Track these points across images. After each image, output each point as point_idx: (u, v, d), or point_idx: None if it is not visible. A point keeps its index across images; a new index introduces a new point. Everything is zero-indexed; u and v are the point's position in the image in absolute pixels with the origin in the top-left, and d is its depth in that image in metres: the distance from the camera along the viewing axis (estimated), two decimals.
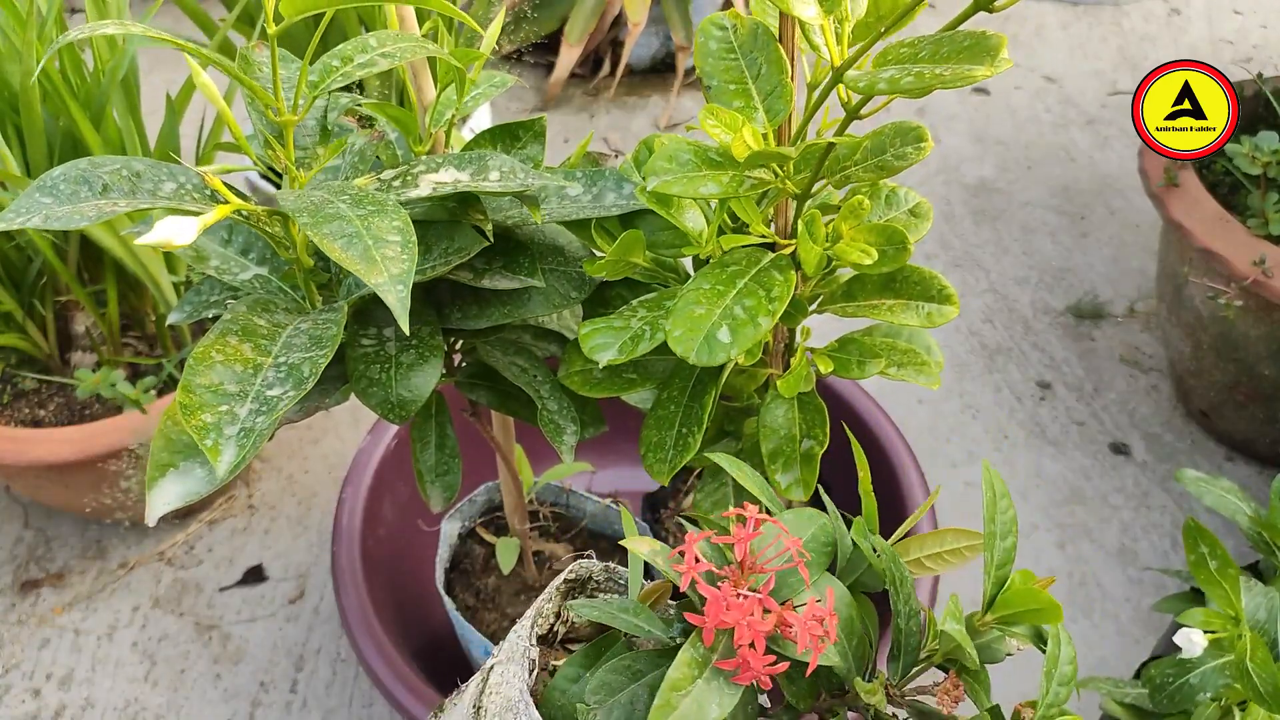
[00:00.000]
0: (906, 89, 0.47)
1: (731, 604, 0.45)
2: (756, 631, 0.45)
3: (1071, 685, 0.53)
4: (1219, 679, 0.76)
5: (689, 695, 0.45)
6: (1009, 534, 0.55)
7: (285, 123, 0.57)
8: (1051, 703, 0.52)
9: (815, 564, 0.52)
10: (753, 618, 0.45)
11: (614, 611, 0.53)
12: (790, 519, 0.54)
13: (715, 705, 0.45)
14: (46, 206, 0.52)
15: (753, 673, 0.45)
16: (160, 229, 0.49)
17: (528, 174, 0.59)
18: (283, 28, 0.52)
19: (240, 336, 0.54)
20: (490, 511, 1.00)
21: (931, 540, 0.61)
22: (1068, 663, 0.53)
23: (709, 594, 0.46)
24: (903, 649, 0.54)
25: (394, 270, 0.49)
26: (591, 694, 0.50)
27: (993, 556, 0.54)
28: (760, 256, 0.60)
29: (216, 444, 0.49)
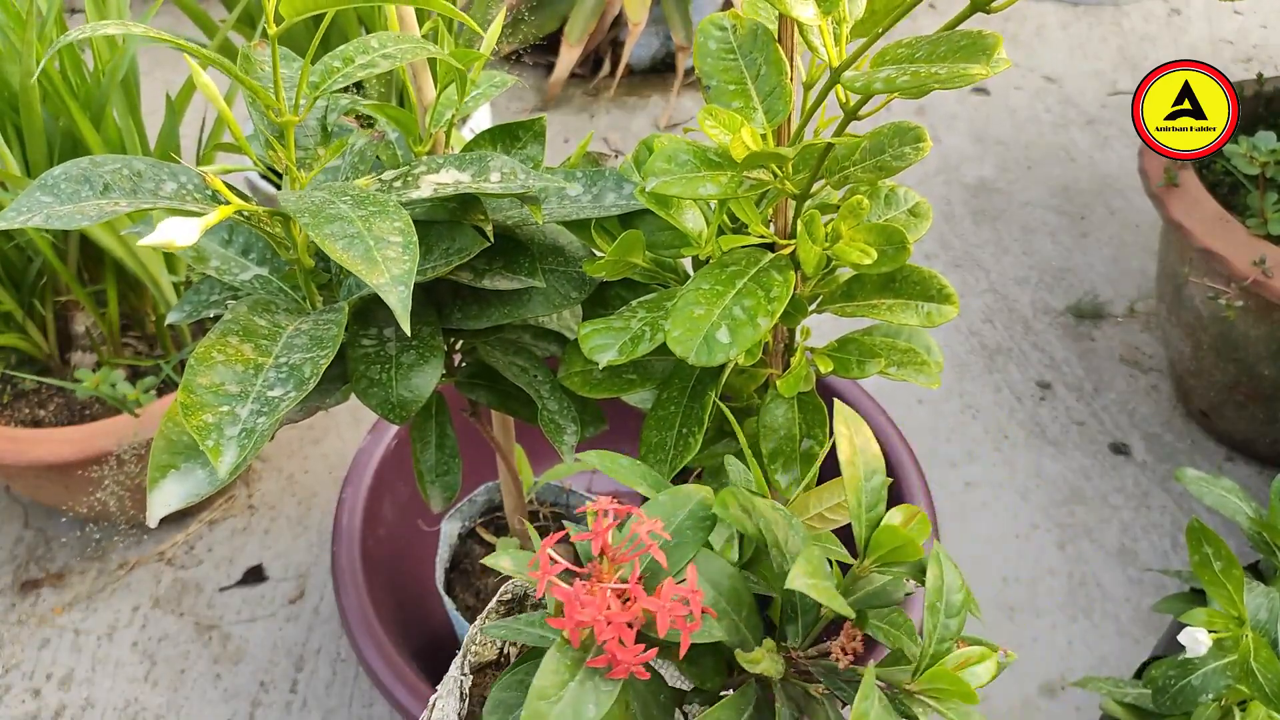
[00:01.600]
0: (903, 88, 0.48)
1: (585, 601, 0.44)
2: (617, 625, 0.43)
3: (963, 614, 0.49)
4: (1221, 680, 0.76)
5: (560, 701, 0.43)
6: (874, 474, 0.52)
7: (286, 123, 0.57)
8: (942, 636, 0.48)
9: (690, 542, 0.50)
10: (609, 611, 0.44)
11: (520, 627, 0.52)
12: (665, 500, 0.51)
13: (591, 705, 0.43)
14: (48, 206, 0.52)
15: (624, 666, 0.43)
16: (162, 230, 0.49)
17: (529, 175, 0.59)
18: (283, 28, 0.52)
19: (241, 337, 0.54)
20: (490, 511, 1.01)
21: (828, 493, 0.60)
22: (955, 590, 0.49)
23: (562, 595, 0.44)
24: (798, 610, 0.52)
25: (395, 271, 0.49)
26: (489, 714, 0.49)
27: (859, 502, 0.51)
28: (759, 257, 0.60)
29: (218, 444, 0.49)
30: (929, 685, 0.48)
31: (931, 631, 0.49)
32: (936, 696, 0.48)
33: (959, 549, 1.25)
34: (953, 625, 0.49)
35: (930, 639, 0.48)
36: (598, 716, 0.43)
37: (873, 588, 0.52)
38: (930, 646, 0.48)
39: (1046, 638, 1.17)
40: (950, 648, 0.49)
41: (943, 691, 0.48)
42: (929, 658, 0.48)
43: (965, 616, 0.49)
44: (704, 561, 0.50)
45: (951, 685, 0.47)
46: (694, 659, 0.51)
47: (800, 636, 0.52)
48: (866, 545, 0.51)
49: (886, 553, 0.50)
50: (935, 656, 0.48)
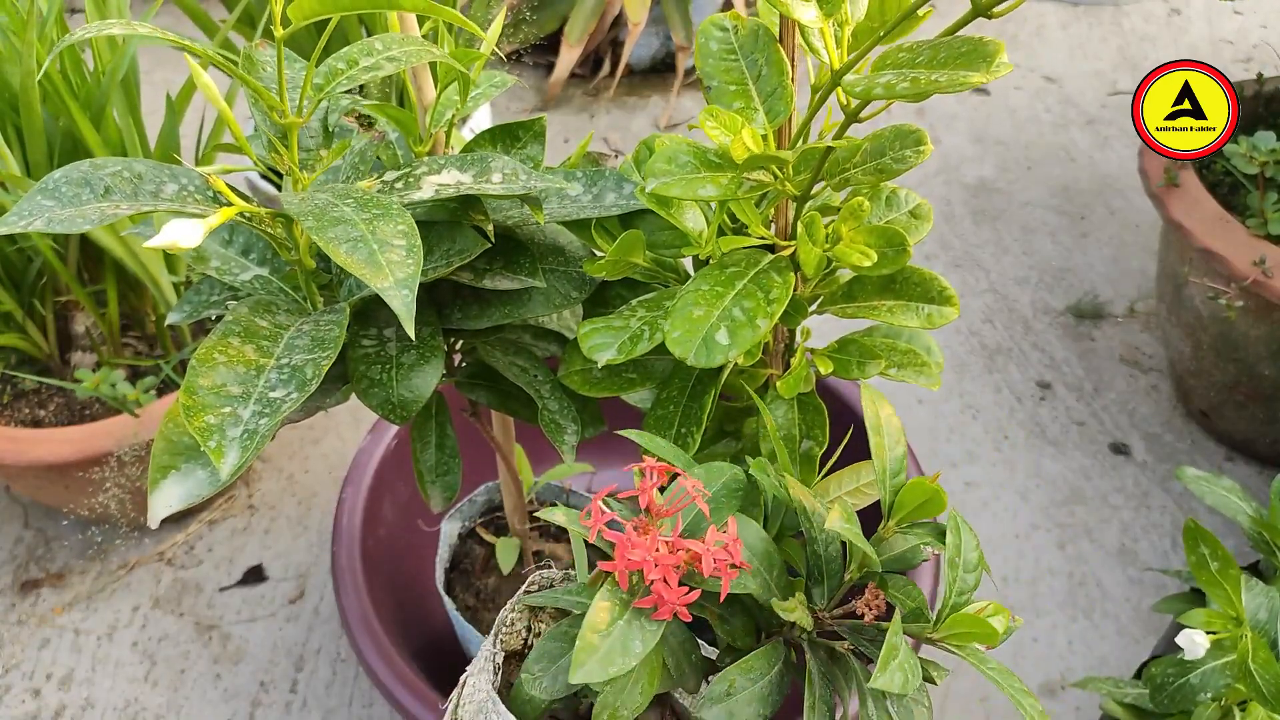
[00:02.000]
0: (902, 94, 0.48)
1: (636, 543, 0.48)
2: (665, 566, 0.47)
3: (979, 571, 0.54)
4: (1220, 679, 0.76)
5: (610, 635, 0.47)
6: (897, 444, 0.56)
7: (290, 125, 0.57)
8: (961, 589, 0.53)
9: (725, 507, 0.54)
10: (658, 553, 0.48)
11: (559, 595, 0.56)
12: (702, 472, 0.56)
13: (638, 642, 0.47)
14: (49, 209, 0.52)
15: (669, 606, 0.47)
16: (166, 232, 0.49)
17: (530, 176, 0.59)
18: (289, 32, 0.52)
19: (243, 338, 0.54)
20: (490, 511, 1.01)
21: (849, 476, 0.63)
22: (971, 550, 0.54)
23: (614, 538, 0.48)
24: (824, 574, 0.56)
25: (399, 275, 0.49)
26: (533, 662, 0.52)
27: (885, 467, 0.56)
28: (760, 258, 0.60)
29: (220, 445, 0.49)
30: (950, 631, 0.52)
31: (951, 583, 0.53)
32: (958, 641, 0.53)
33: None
34: (970, 580, 0.53)
35: (950, 590, 0.53)
36: (643, 652, 0.47)
37: (894, 552, 0.56)
38: (951, 597, 0.53)
39: (1046, 638, 1.18)
40: (968, 600, 0.53)
41: (964, 636, 0.52)
42: (949, 607, 0.53)
43: (980, 574, 0.54)
44: (741, 525, 0.54)
45: (973, 628, 0.51)
46: (727, 617, 0.55)
47: (826, 598, 0.56)
48: (891, 507, 0.55)
49: (911, 510, 0.55)
50: (955, 606, 0.53)
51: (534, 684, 0.52)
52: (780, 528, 0.60)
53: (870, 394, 0.57)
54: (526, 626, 0.60)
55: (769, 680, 0.53)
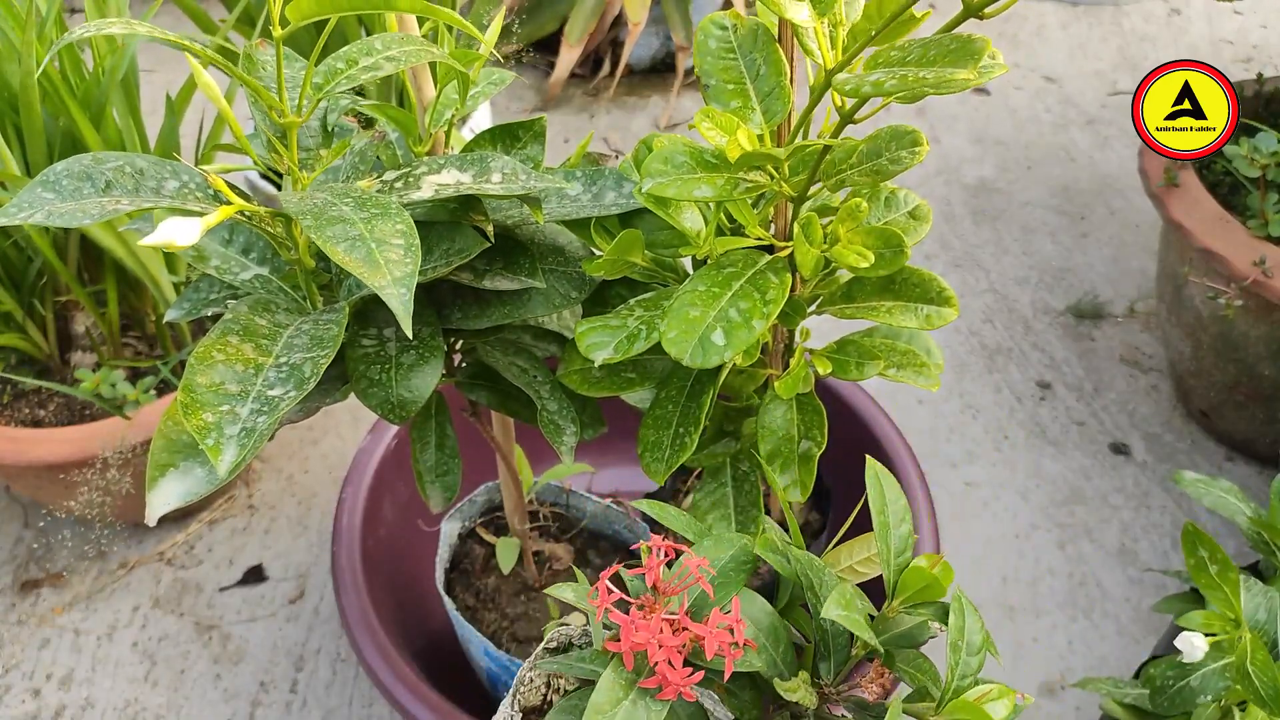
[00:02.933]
0: (890, 92, 0.48)
1: (640, 625, 0.48)
2: (668, 648, 0.48)
3: (982, 654, 0.53)
4: (1219, 681, 0.76)
5: (616, 716, 0.47)
6: (902, 522, 0.57)
7: (289, 124, 0.57)
8: (964, 673, 0.53)
9: (733, 582, 0.55)
10: (661, 635, 0.48)
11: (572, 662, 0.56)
12: (709, 545, 0.56)
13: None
14: (49, 202, 0.51)
15: (674, 686, 0.48)
16: (163, 229, 0.49)
17: (530, 176, 0.59)
18: (288, 32, 0.52)
19: (241, 336, 0.54)
20: (490, 511, 1.01)
21: (860, 545, 0.64)
22: (975, 632, 0.54)
23: (619, 620, 0.49)
24: (831, 649, 0.56)
25: (397, 274, 0.49)
26: None
27: (889, 547, 0.56)
28: (757, 259, 0.60)
29: (218, 443, 0.49)
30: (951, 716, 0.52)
31: (954, 667, 0.53)
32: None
33: (959, 549, 1.25)
34: (973, 663, 0.53)
35: (953, 674, 0.53)
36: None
37: (900, 630, 0.56)
38: (953, 681, 0.53)
39: (1046, 638, 1.17)
40: (971, 683, 0.53)
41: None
42: (952, 691, 0.53)
43: (985, 656, 0.54)
44: (745, 601, 0.55)
45: (971, 716, 0.51)
46: (734, 690, 0.55)
47: (832, 673, 0.56)
48: (895, 587, 0.55)
49: (913, 593, 0.55)
50: (957, 690, 0.53)
51: None
52: (790, 597, 0.60)
53: (875, 470, 0.57)
54: (546, 683, 0.61)
55: None
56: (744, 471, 0.73)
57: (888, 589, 0.56)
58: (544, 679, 0.61)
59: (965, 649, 0.53)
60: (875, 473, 0.58)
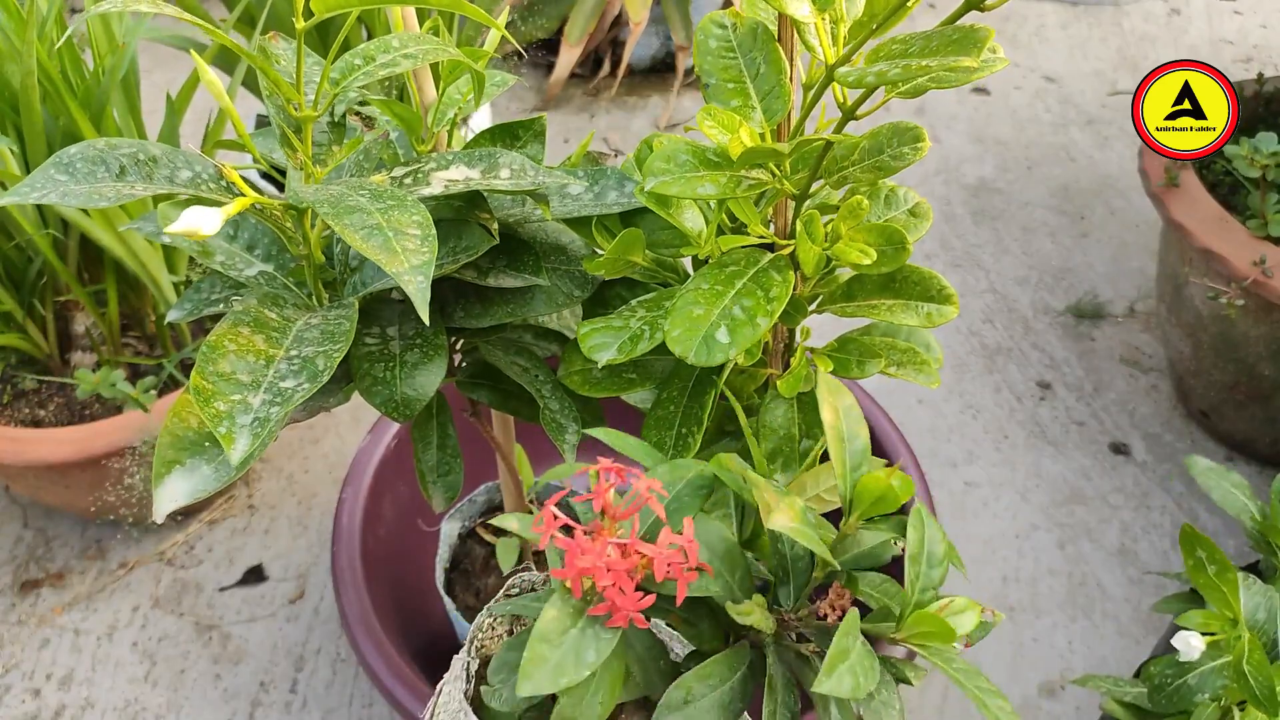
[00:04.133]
0: (893, 80, 0.48)
1: (586, 549, 0.46)
2: (617, 572, 0.45)
3: (945, 566, 0.51)
4: (1217, 680, 0.76)
5: (560, 646, 0.45)
6: (857, 436, 0.54)
7: (305, 118, 0.57)
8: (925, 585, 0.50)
9: (687, 507, 0.52)
10: (609, 559, 0.46)
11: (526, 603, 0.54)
12: (665, 470, 0.54)
13: (591, 652, 0.45)
14: (63, 184, 0.51)
15: (623, 613, 0.45)
16: (187, 218, 0.49)
17: (539, 171, 0.59)
18: (311, 24, 0.52)
19: (252, 328, 0.54)
20: (490, 511, 1.01)
21: (825, 473, 0.61)
22: (936, 543, 0.51)
23: (564, 545, 0.46)
24: (790, 573, 0.54)
25: (415, 261, 0.49)
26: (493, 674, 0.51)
27: (844, 460, 0.53)
28: (759, 257, 0.60)
29: (230, 431, 0.49)
30: (912, 630, 0.49)
31: (914, 580, 0.50)
32: (920, 641, 0.50)
33: (959, 548, 1.25)
34: (935, 575, 0.50)
35: (913, 587, 0.50)
36: (597, 662, 0.45)
37: (861, 549, 0.53)
38: (913, 595, 0.50)
39: (1046, 638, 1.17)
40: (933, 597, 0.50)
41: (925, 635, 0.49)
42: (912, 605, 0.50)
43: (947, 567, 0.51)
44: (701, 525, 0.52)
45: (933, 627, 0.48)
46: (691, 620, 0.53)
47: (793, 599, 0.54)
48: (851, 501, 0.52)
49: (869, 505, 0.51)
50: (919, 604, 0.50)
51: (493, 696, 0.50)
52: (755, 526, 0.58)
53: (827, 383, 0.54)
54: (508, 631, 0.60)
55: (730, 687, 0.50)
56: None
57: (844, 504, 0.53)
58: (505, 626, 0.59)
59: (926, 560, 0.50)
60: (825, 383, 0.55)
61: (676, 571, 0.47)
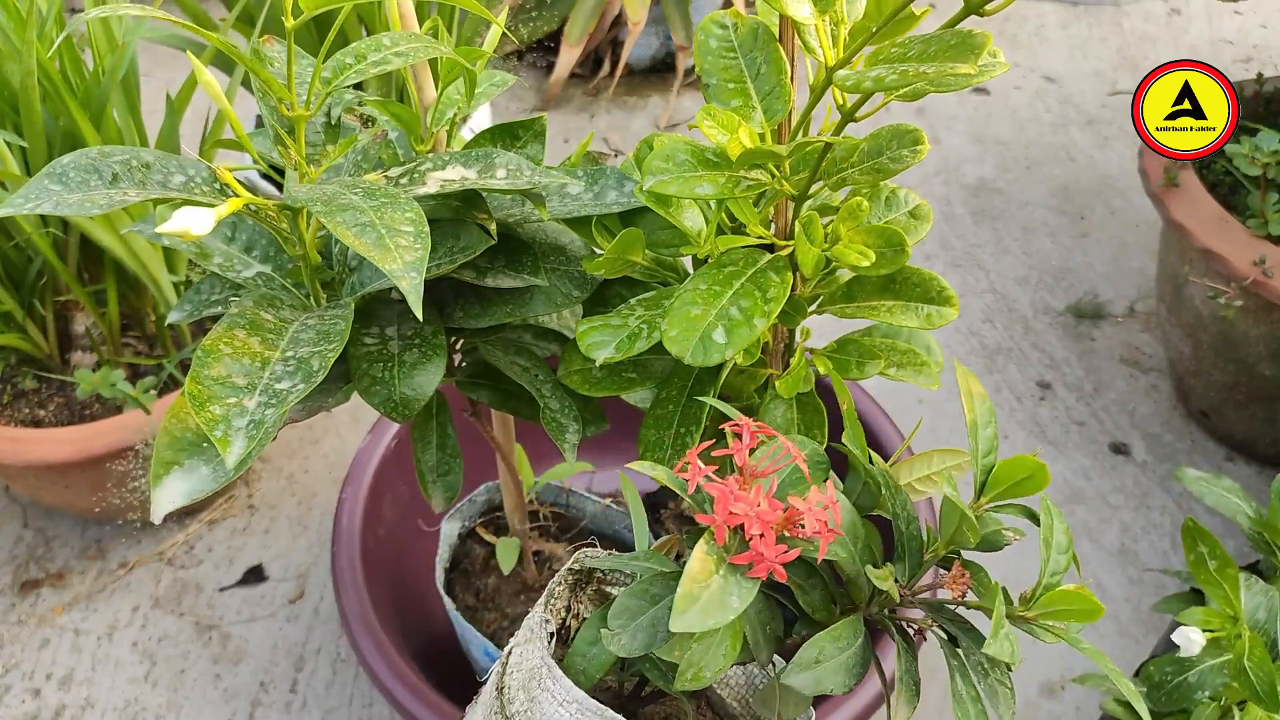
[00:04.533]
0: (891, 86, 0.48)
1: (739, 497, 0.47)
2: (765, 522, 0.47)
3: (1069, 553, 0.55)
4: (1217, 678, 0.76)
5: (709, 586, 0.46)
6: (989, 424, 0.57)
7: (298, 118, 0.57)
8: (1054, 570, 0.54)
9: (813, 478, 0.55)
10: (760, 509, 0.47)
11: (625, 560, 0.56)
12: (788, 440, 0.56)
13: (735, 597, 0.47)
14: (56, 193, 0.51)
15: (766, 563, 0.47)
16: (177, 218, 0.49)
17: (535, 171, 0.59)
18: (300, 22, 0.52)
19: (248, 330, 0.54)
20: (490, 511, 1.01)
21: (920, 463, 0.64)
22: (1061, 532, 0.55)
23: (715, 491, 0.47)
24: (906, 550, 0.56)
25: (408, 258, 0.49)
26: (614, 618, 0.52)
27: (978, 445, 0.56)
28: (758, 257, 0.60)
29: (226, 435, 0.49)
30: (1046, 609, 0.53)
31: (1045, 562, 0.54)
32: (1055, 620, 0.54)
33: None
34: (1061, 560, 0.55)
35: (1044, 570, 0.54)
36: (740, 608, 0.46)
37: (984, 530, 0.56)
38: (1044, 578, 0.54)
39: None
40: (1059, 581, 0.54)
41: (1059, 614, 0.53)
42: (1043, 586, 0.54)
43: (1071, 556, 0.55)
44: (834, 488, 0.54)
45: (1073, 604, 0.52)
46: (808, 588, 0.55)
47: (907, 575, 0.56)
48: (983, 485, 0.56)
49: (1006, 488, 0.55)
50: (1048, 586, 0.54)
51: (613, 640, 0.51)
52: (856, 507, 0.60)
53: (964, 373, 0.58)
54: (566, 606, 0.60)
55: (854, 651, 0.53)
56: None
57: (976, 486, 0.56)
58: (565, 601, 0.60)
59: (1054, 547, 0.54)
60: (963, 373, 0.58)
61: (823, 529, 0.48)
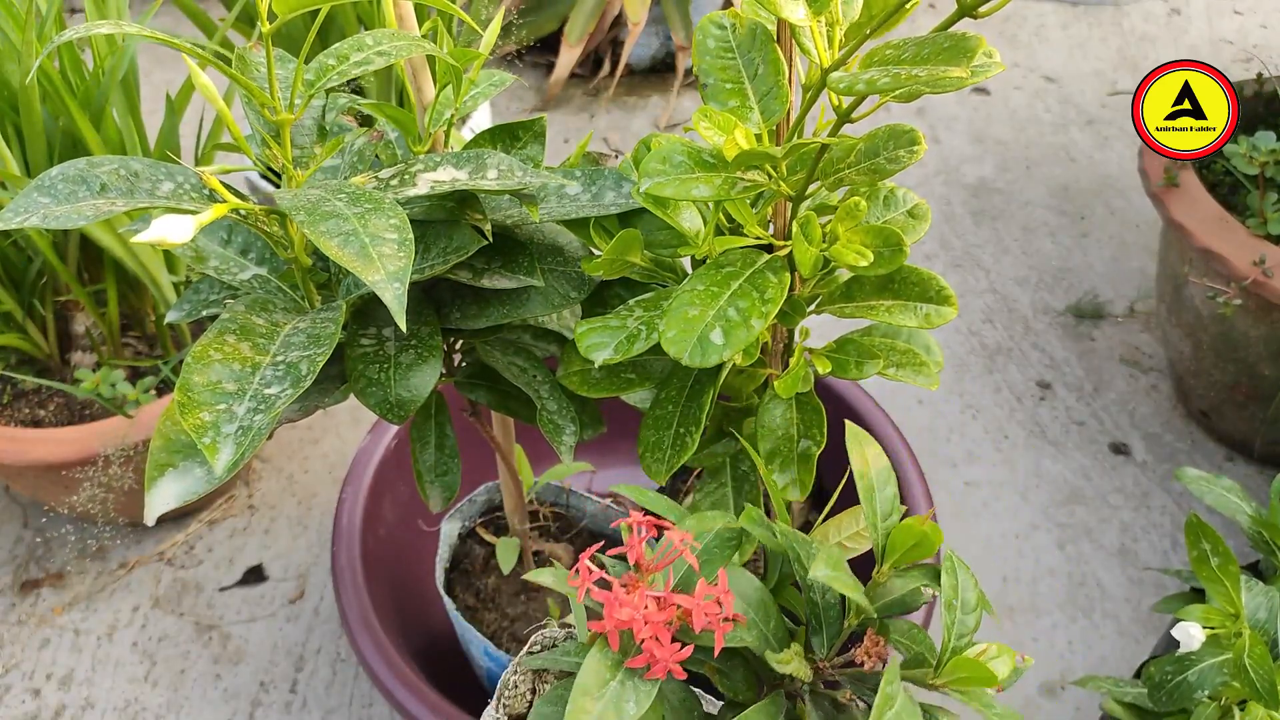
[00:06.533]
0: (883, 89, 0.48)
1: (624, 601, 0.47)
2: (655, 624, 0.46)
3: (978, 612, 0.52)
4: (1217, 676, 0.76)
5: (602, 698, 0.45)
6: (887, 485, 0.55)
7: (282, 122, 0.57)
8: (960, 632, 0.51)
9: (718, 558, 0.53)
10: (647, 611, 0.46)
11: (557, 656, 0.55)
12: (692, 522, 0.55)
13: (631, 704, 0.46)
14: (44, 206, 0.52)
15: (662, 664, 0.46)
16: (156, 227, 0.49)
17: (525, 172, 0.59)
18: (276, 26, 0.52)
19: (239, 335, 0.54)
20: (490, 511, 1.01)
21: (848, 520, 0.62)
22: (969, 589, 0.52)
23: (602, 598, 0.47)
24: (823, 622, 0.55)
25: (391, 268, 0.49)
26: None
27: (875, 510, 0.54)
28: (755, 258, 0.60)
29: (214, 442, 0.50)
30: (951, 676, 0.51)
31: (950, 626, 0.51)
32: (960, 686, 0.51)
33: (959, 549, 1.25)
34: (969, 621, 0.52)
35: (949, 633, 0.51)
36: (637, 714, 0.45)
37: (892, 596, 0.54)
38: (950, 641, 0.51)
39: (1046, 638, 1.17)
40: (969, 643, 0.51)
41: (965, 680, 0.50)
42: (950, 651, 0.51)
43: (981, 614, 0.52)
44: (732, 576, 0.53)
45: (973, 673, 0.50)
46: (726, 671, 0.53)
47: (826, 647, 0.54)
48: (884, 550, 0.54)
49: (903, 553, 0.53)
50: (955, 650, 0.51)
51: None
52: (780, 575, 0.59)
53: (855, 435, 0.56)
54: (531, 689, 0.60)
55: None
56: (744, 471, 0.73)
57: (877, 553, 0.54)
58: (529, 684, 0.60)
59: (960, 607, 0.52)
60: (854, 434, 0.56)
61: (714, 622, 0.47)
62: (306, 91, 0.57)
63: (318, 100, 0.64)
